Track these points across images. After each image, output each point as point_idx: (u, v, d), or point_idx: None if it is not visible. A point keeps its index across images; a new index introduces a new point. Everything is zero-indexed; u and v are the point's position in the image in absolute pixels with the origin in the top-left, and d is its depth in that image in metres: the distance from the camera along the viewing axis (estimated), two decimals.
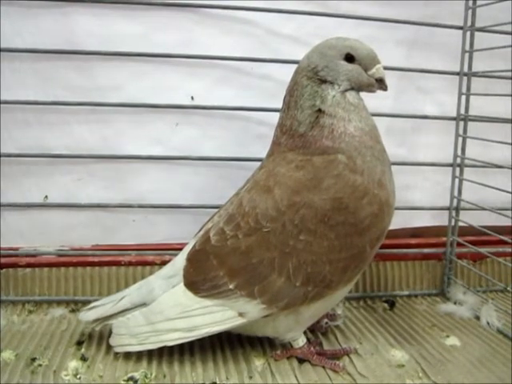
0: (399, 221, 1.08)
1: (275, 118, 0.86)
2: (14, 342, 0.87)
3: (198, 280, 0.79)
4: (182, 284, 0.81)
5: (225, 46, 1.03)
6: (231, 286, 0.78)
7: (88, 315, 0.86)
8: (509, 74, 1.02)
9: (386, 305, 1.05)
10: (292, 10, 1.02)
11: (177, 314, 0.79)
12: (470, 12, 1.05)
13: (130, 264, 1.04)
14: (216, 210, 0.89)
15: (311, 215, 0.75)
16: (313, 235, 0.76)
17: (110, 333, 0.85)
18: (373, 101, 0.85)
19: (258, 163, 0.89)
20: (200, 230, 0.87)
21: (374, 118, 0.84)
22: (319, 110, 0.79)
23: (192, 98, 1.05)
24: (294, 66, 0.85)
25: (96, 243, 1.07)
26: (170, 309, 0.80)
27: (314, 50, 0.82)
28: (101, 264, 1.03)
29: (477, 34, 1.06)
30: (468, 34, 1.06)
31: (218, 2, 1.01)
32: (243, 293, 0.77)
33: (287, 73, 0.86)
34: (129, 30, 1.01)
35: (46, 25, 0.99)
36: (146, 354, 0.84)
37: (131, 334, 0.82)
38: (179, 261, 0.84)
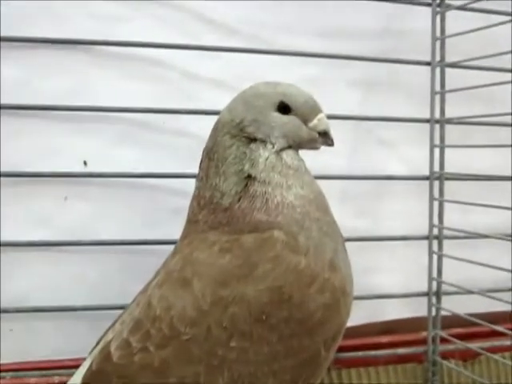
0: (363, 314, 1.07)
1: (193, 185, 0.85)
2: None
3: None
4: None
5: (128, 94, 1.03)
6: None
7: None
8: (491, 119, 1.04)
9: None
10: (215, 47, 1.02)
11: None
12: (438, 44, 1.08)
13: None
14: (119, 311, 0.85)
15: (244, 313, 0.72)
16: (248, 340, 0.72)
17: None
18: (321, 159, 0.85)
19: (172, 247, 0.86)
20: (98, 343, 0.83)
21: (324, 181, 0.83)
22: (248, 176, 0.78)
23: (85, 163, 1.04)
24: None
25: None
26: None
27: (237, 99, 0.82)
28: None
29: (448, 70, 1.08)
30: (437, 70, 1.08)
31: (117, 37, 1.01)
32: None
33: (209, 127, 0.85)
34: (4, 75, 1.00)
35: None
36: None
37: None
38: None
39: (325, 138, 0.81)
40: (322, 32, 1.10)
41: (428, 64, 1.08)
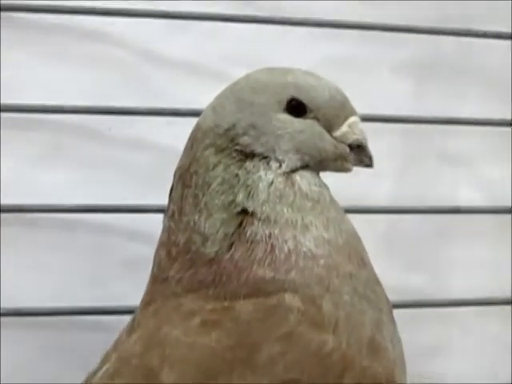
0: None
1: (159, 225, 0.85)
2: None
3: None
4: None
5: (57, 85, 1.06)
6: None
7: None
8: None
9: None
10: (191, 13, 1.06)
11: None
12: None
13: None
14: None
15: None
16: None
17: None
18: (355, 183, 0.88)
19: (129, 318, 0.84)
20: None
21: (361, 216, 0.87)
22: (244, 211, 0.77)
23: None
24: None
25: None
26: None
27: (225, 94, 0.81)
28: None
29: None
30: None
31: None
32: None
33: (183, 135, 0.86)
34: None
35: None
36: None
37: None
38: None
39: (359, 153, 0.80)
40: None
41: (510, 38, 1.12)
